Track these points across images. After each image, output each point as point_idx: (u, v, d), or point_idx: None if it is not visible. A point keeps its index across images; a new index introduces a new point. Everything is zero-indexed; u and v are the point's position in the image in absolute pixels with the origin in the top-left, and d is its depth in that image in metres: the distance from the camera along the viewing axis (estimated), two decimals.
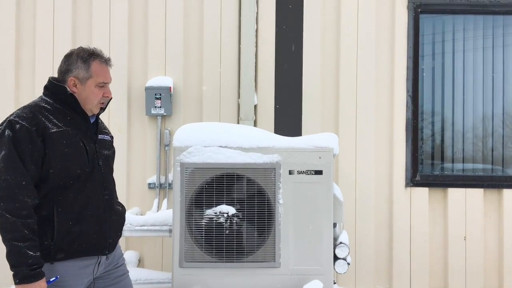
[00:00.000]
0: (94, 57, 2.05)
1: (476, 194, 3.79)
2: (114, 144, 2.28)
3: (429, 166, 3.97)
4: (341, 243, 2.83)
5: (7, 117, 1.93)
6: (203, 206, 2.68)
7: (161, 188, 3.76)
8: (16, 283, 1.83)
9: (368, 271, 3.77)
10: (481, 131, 3.98)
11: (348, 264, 2.84)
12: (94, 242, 2.01)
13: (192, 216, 2.68)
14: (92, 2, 3.80)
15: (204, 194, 2.68)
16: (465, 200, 3.79)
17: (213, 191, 2.68)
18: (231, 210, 2.67)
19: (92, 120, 2.11)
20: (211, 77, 3.80)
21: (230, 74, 3.80)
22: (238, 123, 3.75)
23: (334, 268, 2.80)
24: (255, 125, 3.77)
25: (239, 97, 3.78)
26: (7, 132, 1.86)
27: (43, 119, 1.93)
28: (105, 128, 2.27)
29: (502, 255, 3.78)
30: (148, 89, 3.69)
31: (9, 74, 3.75)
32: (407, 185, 3.80)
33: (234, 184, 2.68)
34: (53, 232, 1.91)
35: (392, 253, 3.78)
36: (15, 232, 1.80)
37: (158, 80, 3.72)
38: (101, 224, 2.04)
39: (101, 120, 2.25)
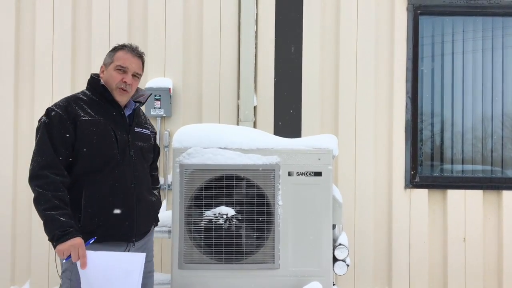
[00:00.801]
0: (122, 47, 2.23)
1: (475, 195, 3.79)
2: None
3: (429, 167, 3.96)
4: (340, 244, 2.83)
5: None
6: (202, 208, 2.67)
7: (161, 189, 3.75)
8: (54, 248, 1.93)
9: (367, 273, 3.76)
10: (480, 133, 3.98)
11: (348, 265, 2.83)
12: (120, 229, 2.12)
13: (191, 217, 2.67)
14: (92, 3, 3.80)
15: (203, 196, 2.67)
16: (464, 202, 3.79)
17: (213, 192, 2.67)
18: (230, 211, 2.66)
19: (128, 113, 2.26)
20: (211, 78, 3.80)
21: (229, 75, 3.80)
22: (237, 124, 3.75)
23: (333, 270, 2.80)
24: (254, 126, 3.76)
25: (238, 98, 3.78)
26: (43, 118, 2.12)
27: (76, 107, 2.11)
28: (147, 122, 2.43)
29: (502, 256, 3.78)
30: (147, 90, 3.67)
31: (8, 74, 3.75)
32: (406, 186, 3.80)
33: (233, 186, 2.68)
34: (80, 216, 2.04)
35: (391, 254, 3.78)
36: (47, 203, 1.94)
37: (158, 81, 3.73)
38: (127, 212, 2.13)
39: (144, 116, 2.43)
